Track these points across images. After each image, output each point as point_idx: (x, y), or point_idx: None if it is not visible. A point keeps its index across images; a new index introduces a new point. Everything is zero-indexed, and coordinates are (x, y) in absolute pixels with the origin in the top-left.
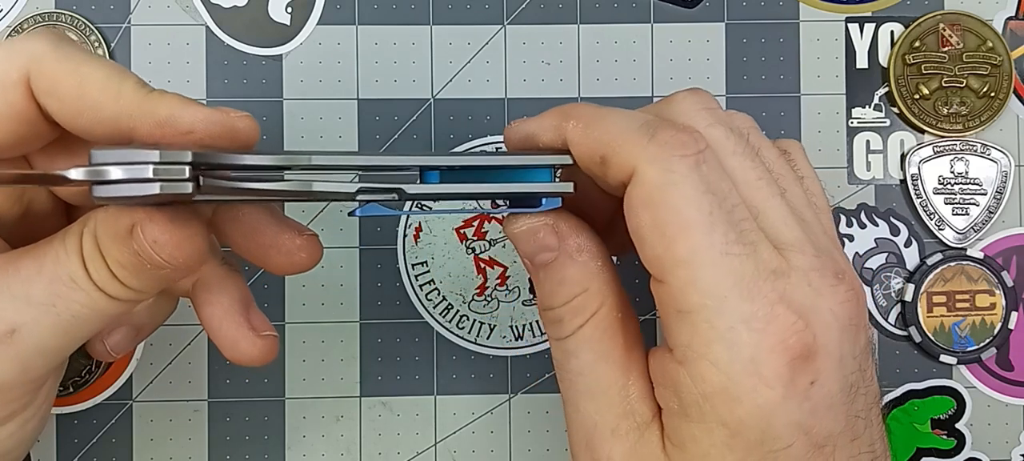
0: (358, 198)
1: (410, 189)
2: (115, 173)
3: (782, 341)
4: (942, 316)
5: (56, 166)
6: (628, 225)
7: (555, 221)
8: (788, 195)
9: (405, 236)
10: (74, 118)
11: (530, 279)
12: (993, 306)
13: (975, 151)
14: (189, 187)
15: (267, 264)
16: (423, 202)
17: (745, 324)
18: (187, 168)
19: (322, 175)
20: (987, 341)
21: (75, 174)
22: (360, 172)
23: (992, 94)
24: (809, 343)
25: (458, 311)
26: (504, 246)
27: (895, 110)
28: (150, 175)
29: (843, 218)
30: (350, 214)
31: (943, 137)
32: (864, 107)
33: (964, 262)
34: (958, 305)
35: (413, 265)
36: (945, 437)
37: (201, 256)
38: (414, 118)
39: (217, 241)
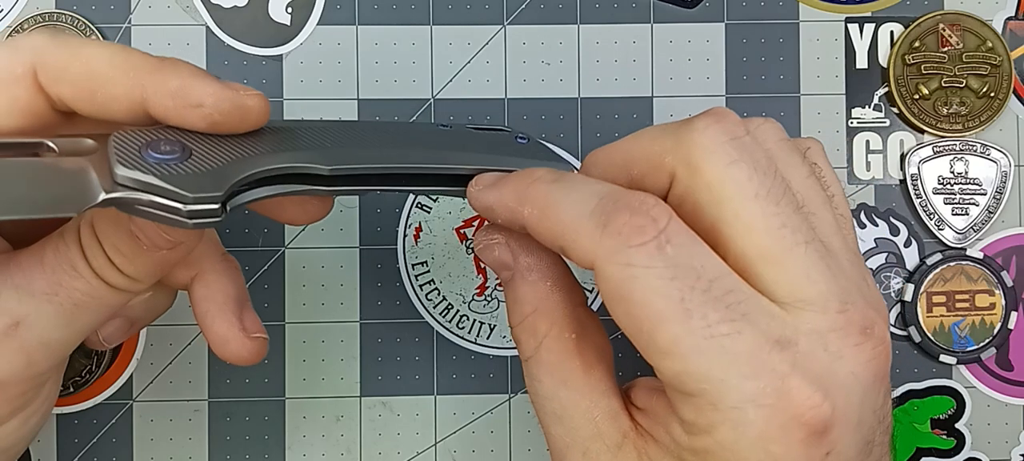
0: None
1: (419, 190)
2: (144, 200)
3: (795, 417)
4: (942, 316)
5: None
6: (611, 315)
7: (507, 238)
8: (818, 231)
9: (405, 236)
10: (88, 99)
11: None
12: (993, 306)
13: (975, 151)
14: (219, 220)
15: (281, 216)
16: (424, 198)
17: (752, 402)
18: (218, 205)
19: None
20: (987, 341)
21: (105, 199)
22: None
23: (992, 94)
24: (826, 418)
25: (458, 311)
26: None
27: (895, 110)
28: (183, 214)
29: None
30: None
31: (943, 137)
32: (864, 107)
33: (964, 262)
34: (958, 305)
35: (413, 265)
36: (945, 437)
37: (197, 234)
38: (414, 118)
39: (218, 238)
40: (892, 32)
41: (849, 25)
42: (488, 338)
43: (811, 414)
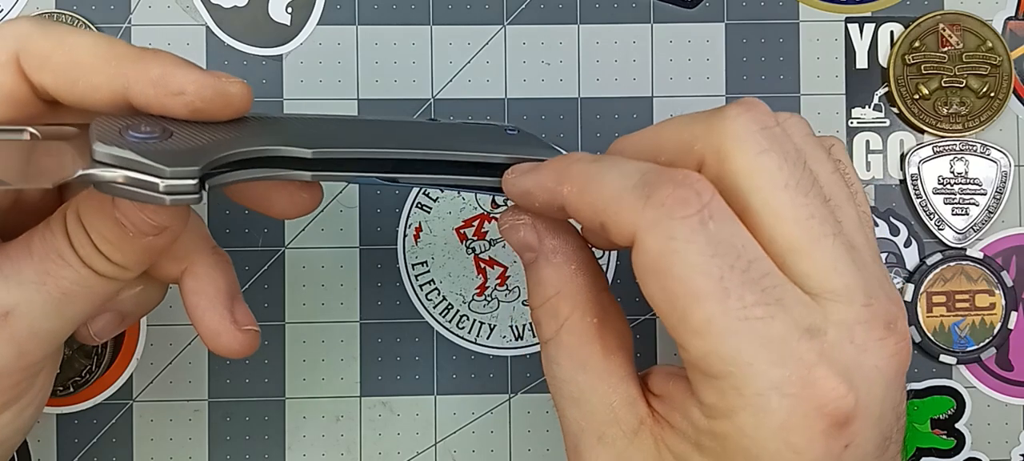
0: (350, 183)
1: (404, 179)
2: (121, 178)
3: (819, 408)
4: (942, 316)
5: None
6: (642, 291)
7: (534, 219)
8: (843, 226)
9: (405, 236)
10: (70, 87)
11: None
12: (993, 306)
13: (975, 151)
14: (197, 197)
15: (270, 209)
16: (423, 194)
17: (777, 390)
18: (196, 182)
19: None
20: (987, 341)
21: (82, 174)
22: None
23: (992, 94)
24: (849, 410)
25: (458, 311)
26: (504, 246)
27: (895, 110)
28: (161, 190)
29: None
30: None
31: (943, 137)
32: (864, 107)
33: (964, 262)
34: (958, 305)
35: (413, 265)
36: (945, 437)
37: (182, 219)
38: (414, 118)
39: (208, 231)
40: (892, 32)
41: (849, 25)
42: (488, 338)
43: (834, 405)
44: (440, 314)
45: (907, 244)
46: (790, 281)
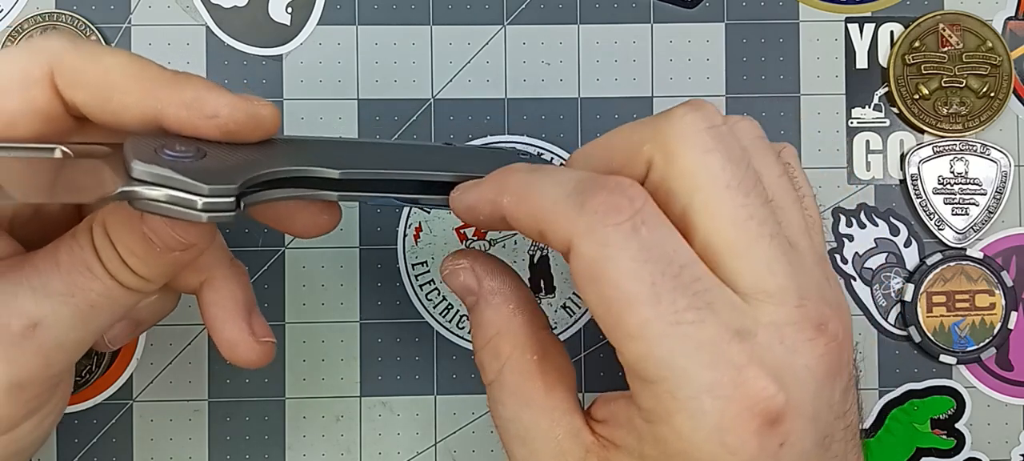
0: (371, 203)
1: (425, 200)
2: (160, 196)
3: (749, 408)
4: (942, 316)
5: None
6: (581, 297)
7: (473, 263)
8: (784, 227)
9: (405, 236)
10: (102, 106)
11: None
12: (993, 306)
13: (975, 151)
14: (233, 215)
15: (292, 228)
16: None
17: (709, 393)
18: (233, 199)
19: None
20: (987, 341)
21: (122, 191)
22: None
23: (992, 94)
24: (779, 408)
25: (458, 311)
26: (504, 247)
27: (895, 110)
28: (199, 208)
29: (843, 218)
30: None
31: (943, 137)
32: (864, 107)
33: (964, 262)
34: (958, 305)
35: (413, 265)
36: (945, 437)
37: (209, 236)
38: (414, 118)
39: (225, 243)
40: (892, 32)
41: (849, 25)
42: None
43: (764, 404)
44: (440, 314)
45: (907, 244)
46: (722, 283)
